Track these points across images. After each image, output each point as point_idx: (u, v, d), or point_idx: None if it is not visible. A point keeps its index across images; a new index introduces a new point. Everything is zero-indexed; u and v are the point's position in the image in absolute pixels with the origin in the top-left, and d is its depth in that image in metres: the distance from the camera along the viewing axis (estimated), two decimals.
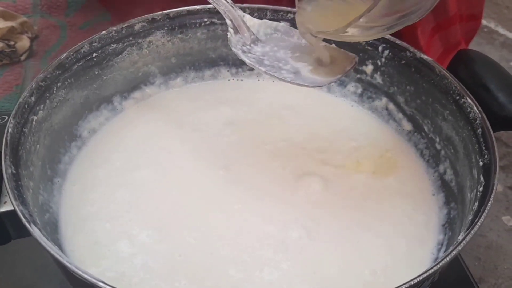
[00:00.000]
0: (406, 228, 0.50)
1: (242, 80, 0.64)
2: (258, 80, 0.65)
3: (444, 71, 0.53)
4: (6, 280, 0.49)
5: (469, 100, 0.50)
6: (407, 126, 0.58)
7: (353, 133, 0.59)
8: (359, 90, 0.62)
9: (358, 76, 0.61)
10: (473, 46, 0.89)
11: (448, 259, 0.37)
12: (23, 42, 0.86)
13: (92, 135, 0.56)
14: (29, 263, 0.50)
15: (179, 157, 0.55)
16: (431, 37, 0.79)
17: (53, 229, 0.47)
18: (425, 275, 0.36)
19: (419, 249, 0.48)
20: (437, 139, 0.54)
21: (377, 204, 0.52)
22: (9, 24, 0.84)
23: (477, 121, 0.48)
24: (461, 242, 0.38)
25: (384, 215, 0.51)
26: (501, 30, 1.36)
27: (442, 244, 0.47)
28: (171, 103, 0.61)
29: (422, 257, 0.47)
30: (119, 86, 0.59)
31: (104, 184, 0.52)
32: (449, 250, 0.38)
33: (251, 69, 0.65)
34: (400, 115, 0.59)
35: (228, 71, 0.64)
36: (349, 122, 0.61)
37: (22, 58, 0.86)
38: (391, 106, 0.59)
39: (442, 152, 0.54)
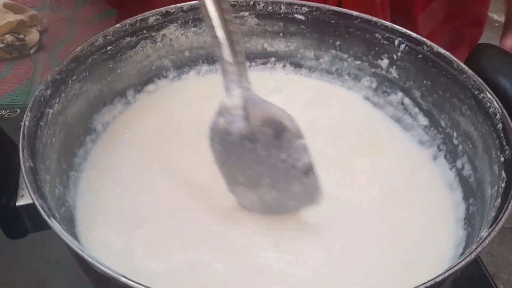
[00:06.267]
0: (425, 224, 0.49)
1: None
2: (271, 73, 0.65)
3: (462, 65, 0.52)
4: (22, 273, 0.49)
5: (489, 95, 0.49)
6: (423, 121, 0.57)
7: (368, 127, 0.59)
8: (374, 84, 0.61)
9: (373, 70, 0.60)
10: (484, 40, 0.88)
11: (473, 255, 0.36)
12: (33, 36, 0.85)
13: (106, 128, 0.56)
14: (44, 257, 0.50)
15: (191, 150, 0.54)
16: (438, 26, 0.79)
17: (69, 223, 0.46)
18: (450, 271, 0.35)
19: (438, 245, 0.47)
20: (455, 134, 0.54)
21: (396, 201, 0.51)
22: (18, 17, 0.84)
23: (497, 116, 0.47)
24: (485, 239, 0.38)
25: (402, 211, 0.50)
26: None
27: (461, 240, 0.47)
28: (184, 95, 0.61)
29: (442, 254, 0.46)
30: (132, 80, 0.58)
31: (118, 178, 0.52)
32: (473, 247, 0.37)
33: (264, 63, 0.65)
34: (416, 110, 0.58)
35: None
36: (362, 116, 0.60)
37: (32, 51, 0.85)
38: (407, 100, 0.59)
39: (460, 147, 0.53)
